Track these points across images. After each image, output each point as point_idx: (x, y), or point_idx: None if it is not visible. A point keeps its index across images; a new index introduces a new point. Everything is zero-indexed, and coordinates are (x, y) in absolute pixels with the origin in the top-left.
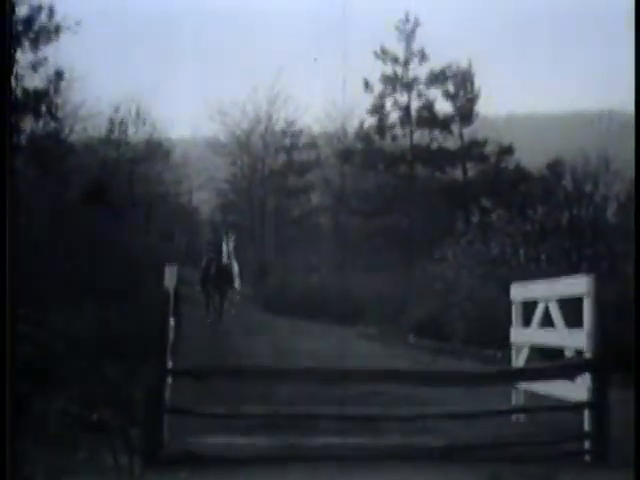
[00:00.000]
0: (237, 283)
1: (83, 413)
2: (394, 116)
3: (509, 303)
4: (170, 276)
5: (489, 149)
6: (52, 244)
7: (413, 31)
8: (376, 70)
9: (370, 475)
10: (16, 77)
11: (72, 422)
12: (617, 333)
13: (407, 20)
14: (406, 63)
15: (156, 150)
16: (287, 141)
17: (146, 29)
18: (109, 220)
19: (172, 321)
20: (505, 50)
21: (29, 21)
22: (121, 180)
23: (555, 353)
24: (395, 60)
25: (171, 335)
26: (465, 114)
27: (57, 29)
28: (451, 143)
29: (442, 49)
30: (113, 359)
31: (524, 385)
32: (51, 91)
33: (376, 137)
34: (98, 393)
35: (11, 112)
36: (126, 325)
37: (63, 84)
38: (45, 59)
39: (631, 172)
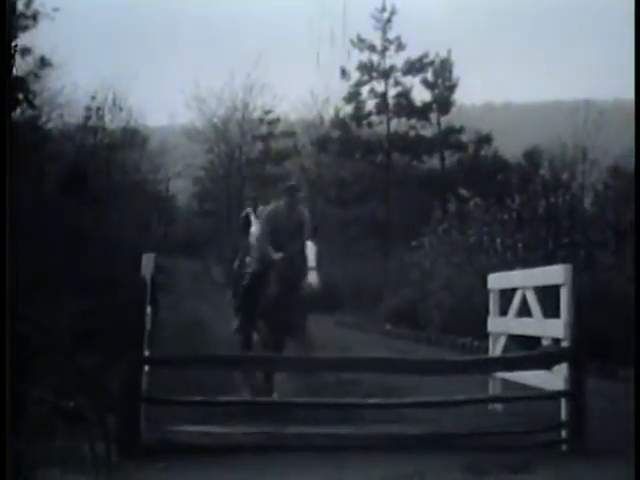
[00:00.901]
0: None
1: (60, 401)
2: (371, 104)
3: (486, 292)
4: (147, 264)
5: (467, 138)
6: (28, 233)
7: (390, 19)
8: (353, 58)
9: (347, 464)
10: None
11: (48, 411)
12: (594, 322)
13: (384, 9)
14: (383, 51)
15: (133, 137)
16: (264, 129)
17: (124, 17)
18: (86, 208)
19: (149, 309)
20: (483, 39)
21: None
22: (98, 168)
23: (532, 342)
24: (372, 48)
25: (148, 323)
26: (443, 102)
27: (35, 16)
28: (429, 131)
29: (419, 38)
30: (90, 348)
31: (501, 374)
32: (30, 78)
33: (353, 125)
34: (75, 381)
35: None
36: (103, 314)
37: (42, 72)
38: (26, 47)
39: (607, 161)
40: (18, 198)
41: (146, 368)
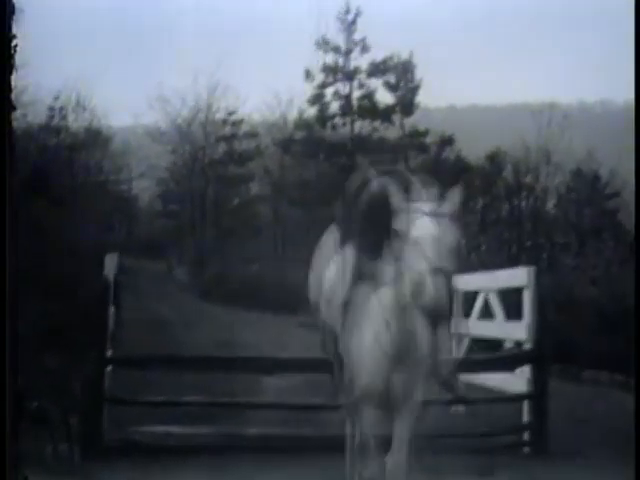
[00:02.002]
0: None
1: (23, 402)
2: (335, 106)
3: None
4: (110, 264)
5: (430, 140)
6: None
7: (354, 21)
8: (317, 60)
9: (307, 465)
10: None
11: (12, 411)
12: (557, 324)
13: (348, 10)
14: (347, 53)
15: (96, 138)
16: (227, 130)
17: (88, 17)
18: (49, 208)
19: (112, 310)
20: (446, 42)
21: None
22: (61, 168)
23: (495, 344)
24: (336, 50)
25: (111, 324)
26: (406, 105)
27: None
28: (392, 133)
29: (384, 40)
30: (53, 348)
31: (463, 376)
32: None
33: (316, 126)
34: (38, 382)
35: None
36: (66, 314)
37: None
38: None
39: (571, 164)
40: None
41: (109, 368)
